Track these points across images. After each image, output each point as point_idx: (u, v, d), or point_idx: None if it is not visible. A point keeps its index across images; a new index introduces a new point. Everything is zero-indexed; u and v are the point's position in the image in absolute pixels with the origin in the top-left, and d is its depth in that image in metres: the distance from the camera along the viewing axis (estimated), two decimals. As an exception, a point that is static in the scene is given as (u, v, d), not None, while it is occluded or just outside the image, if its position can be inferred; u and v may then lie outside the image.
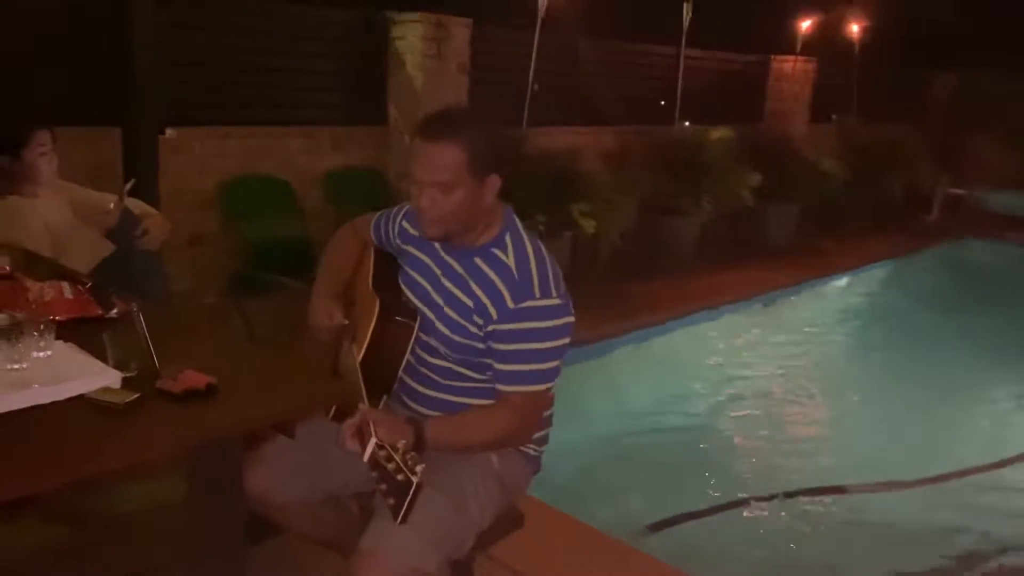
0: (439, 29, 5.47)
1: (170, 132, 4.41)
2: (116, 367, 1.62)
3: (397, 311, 1.95)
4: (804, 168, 7.54)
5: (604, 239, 5.80)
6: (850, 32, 9.33)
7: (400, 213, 2.08)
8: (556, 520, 2.73)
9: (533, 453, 2.01)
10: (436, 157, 1.77)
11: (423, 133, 1.80)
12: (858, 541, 3.34)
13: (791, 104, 9.02)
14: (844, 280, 7.21)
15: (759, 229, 7.38)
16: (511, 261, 1.85)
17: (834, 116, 9.19)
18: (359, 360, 1.84)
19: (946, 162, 9.16)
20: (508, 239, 1.88)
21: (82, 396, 1.54)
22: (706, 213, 6.58)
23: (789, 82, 9.00)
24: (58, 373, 1.58)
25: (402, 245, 2.05)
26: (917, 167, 8.63)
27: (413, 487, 1.50)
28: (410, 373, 1.97)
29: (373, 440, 1.57)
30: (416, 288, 1.97)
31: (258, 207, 4.86)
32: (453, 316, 1.88)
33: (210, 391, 1.57)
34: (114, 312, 1.97)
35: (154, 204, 3.42)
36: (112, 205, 2.96)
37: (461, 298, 1.88)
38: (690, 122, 7.41)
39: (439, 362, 1.93)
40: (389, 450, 1.55)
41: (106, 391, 1.55)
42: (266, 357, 2.01)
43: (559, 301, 1.83)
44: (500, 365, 1.83)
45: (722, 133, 6.98)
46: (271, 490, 1.88)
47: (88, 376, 1.58)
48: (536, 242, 1.91)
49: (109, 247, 2.93)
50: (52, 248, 2.74)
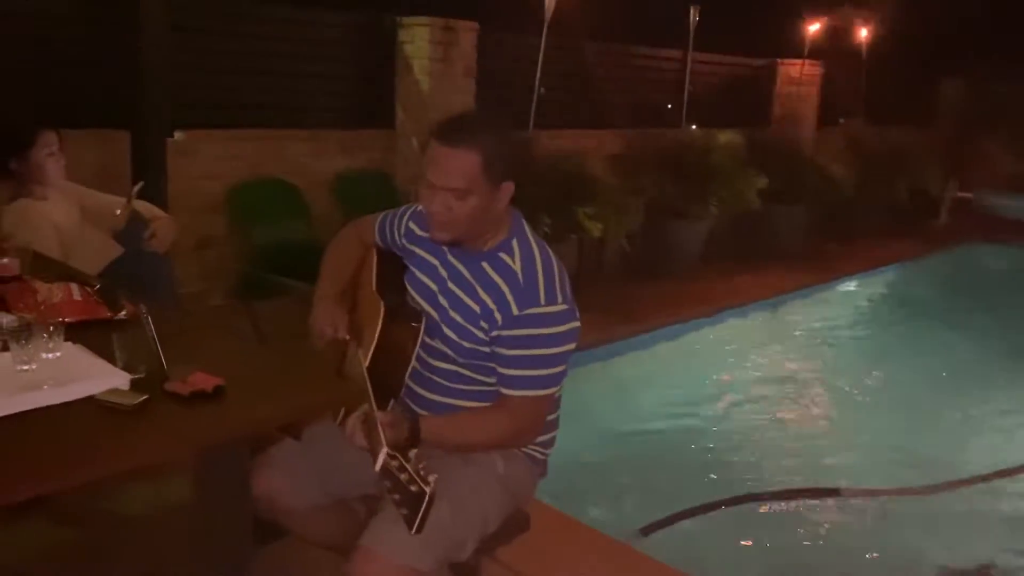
0: (446, 33, 5.48)
1: (178, 135, 4.42)
2: (125, 369, 1.63)
3: (402, 314, 1.94)
4: (812, 172, 7.52)
5: (611, 242, 5.80)
6: (858, 35, 9.31)
7: (406, 213, 2.06)
8: (562, 523, 2.72)
9: (539, 456, 2.00)
10: (453, 163, 1.75)
11: (441, 137, 1.77)
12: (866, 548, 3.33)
13: (799, 108, 8.99)
14: (852, 284, 7.19)
15: (766, 233, 7.34)
16: (517, 266, 1.84)
17: (842, 120, 9.18)
18: (366, 366, 1.83)
19: (954, 166, 9.12)
20: (515, 244, 1.87)
21: (91, 397, 1.55)
22: (713, 217, 6.56)
23: (797, 86, 8.97)
24: (67, 374, 1.59)
25: (408, 246, 2.03)
26: (925, 171, 8.58)
27: (427, 498, 1.48)
28: (415, 377, 1.96)
29: (384, 449, 1.54)
30: (423, 290, 1.96)
31: (266, 210, 4.87)
32: (459, 320, 1.87)
33: (218, 393, 1.58)
34: (123, 314, 1.98)
35: (162, 206, 3.44)
36: (121, 208, 2.98)
37: (467, 303, 1.87)
38: (697, 125, 7.41)
39: (445, 365, 1.93)
40: (401, 459, 1.53)
41: (115, 392, 1.56)
42: (274, 360, 2.01)
43: (564, 307, 1.82)
44: (504, 369, 1.83)
45: (729, 137, 6.96)
46: (279, 494, 1.88)
47: (97, 378, 1.59)
48: (543, 246, 1.90)
49: (118, 249, 2.95)
50: (61, 250, 2.76)
